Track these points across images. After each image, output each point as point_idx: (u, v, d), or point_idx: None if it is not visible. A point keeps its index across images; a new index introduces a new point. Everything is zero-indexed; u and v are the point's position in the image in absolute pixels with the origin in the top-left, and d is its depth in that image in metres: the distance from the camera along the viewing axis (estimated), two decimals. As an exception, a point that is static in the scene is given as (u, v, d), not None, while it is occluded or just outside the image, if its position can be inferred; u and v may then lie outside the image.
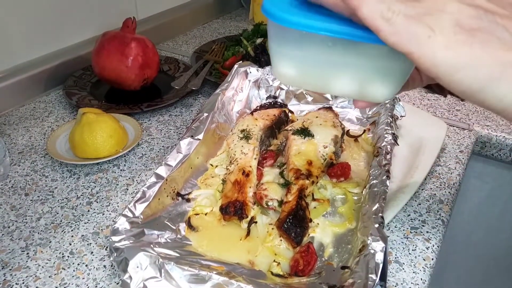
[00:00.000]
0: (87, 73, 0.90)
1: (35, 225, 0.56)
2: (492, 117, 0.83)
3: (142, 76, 0.82)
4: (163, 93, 0.86)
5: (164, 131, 0.76)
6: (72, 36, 0.92)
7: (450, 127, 0.79)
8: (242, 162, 0.59)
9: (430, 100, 0.88)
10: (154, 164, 0.68)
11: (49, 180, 0.64)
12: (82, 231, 0.55)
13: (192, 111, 0.83)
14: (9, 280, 0.49)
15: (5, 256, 0.52)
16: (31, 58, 0.86)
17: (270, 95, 0.79)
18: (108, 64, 0.79)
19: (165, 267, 0.43)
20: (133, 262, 0.43)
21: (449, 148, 0.73)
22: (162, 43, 1.12)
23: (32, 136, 0.74)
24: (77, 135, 0.65)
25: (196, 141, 0.60)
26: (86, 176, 0.65)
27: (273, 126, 0.69)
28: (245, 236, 0.53)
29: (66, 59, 0.89)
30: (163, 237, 0.50)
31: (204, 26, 1.25)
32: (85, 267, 0.50)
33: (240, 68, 0.77)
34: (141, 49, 0.80)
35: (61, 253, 0.52)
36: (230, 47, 0.99)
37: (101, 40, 0.81)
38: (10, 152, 0.70)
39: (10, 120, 0.78)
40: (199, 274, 0.42)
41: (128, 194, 0.62)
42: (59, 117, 0.80)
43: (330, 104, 0.76)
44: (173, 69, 0.94)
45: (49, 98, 0.86)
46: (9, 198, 0.60)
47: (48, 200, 0.60)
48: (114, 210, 0.59)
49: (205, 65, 0.93)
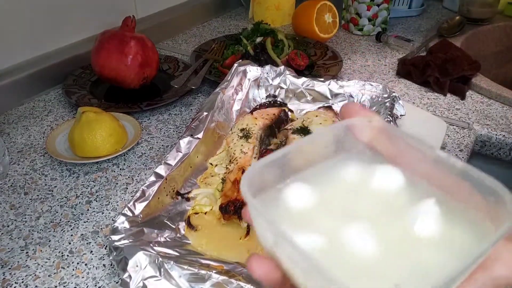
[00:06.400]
0: (86, 72, 0.90)
1: (35, 224, 0.56)
2: (492, 116, 0.83)
3: (141, 75, 0.82)
4: (162, 92, 0.86)
5: (163, 130, 0.76)
6: (72, 34, 0.92)
7: (450, 126, 0.79)
8: (242, 161, 0.59)
9: (430, 99, 0.88)
10: (154, 163, 0.68)
11: (49, 179, 0.64)
12: (82, 230, 0.55)
13: (191, 110, 0.82)
14: (9, 279, 0.49)
15: (4, 255, 0.52)
16: (30, 56, 0.85)
17: (269, 94, 0.78)
18: (107, 63, 0.79)
19: (164, 266, 0.43)
20: (132, 261, 0.43)
21: (449, 147, 0.73)
22: (162, 41, 1.12)
23: (31, 135, 0.74)
24: (77, 134, 0.65)
25: (195, 140, 0.60)
26: (86, 175, 0.65)
27: (272, 125, 0.69)
28: (244, 235, 0.52)
29: (65, 57, 0.89)
30: (162, 236, 0.50)
31: (204, 25, 1.25)
32: (85, 266, 0.50)
33: (239, 67, 0.77)
34: (141, 48, 0.80)
35: (61, 252, 0.52)
36: (229, 46, 0.99)
37: (101, 39, 0.80)
38: (9, 151, 0.70)
39: (9, 119, 0.78)
40: (199, 273, 0.42)
41: (128, 193, 0.62)
42: (59, 116, 0.80)
43: (330, 103, 0.76)
44: (173, 68, 0.94)
45: (49, 97, 0.85)
46: (8, 197, 0.60)
47: (48, 199, 0.60)
48: (114, 209, 0.59)
49: (204, 64, 0.93)
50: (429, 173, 0.26)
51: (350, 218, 0.25)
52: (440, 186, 0.26)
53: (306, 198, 0.26)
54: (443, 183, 0.26)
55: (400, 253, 0.23)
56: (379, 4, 1.14)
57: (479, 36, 1.24)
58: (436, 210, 0.24)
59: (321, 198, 0.27)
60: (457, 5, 1.32)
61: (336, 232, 0.24)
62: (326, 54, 0.99)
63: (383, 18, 1.17)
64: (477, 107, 0.86)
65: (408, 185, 0.27)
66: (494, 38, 1.28)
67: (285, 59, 0.93)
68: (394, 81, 0.95)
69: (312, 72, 0.92)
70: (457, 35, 1.18)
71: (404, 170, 0.27)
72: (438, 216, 0.24)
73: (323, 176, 0.28)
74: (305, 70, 0.92)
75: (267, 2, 1.22)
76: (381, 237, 0.24)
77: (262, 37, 0.97)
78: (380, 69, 1.00)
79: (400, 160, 0.28)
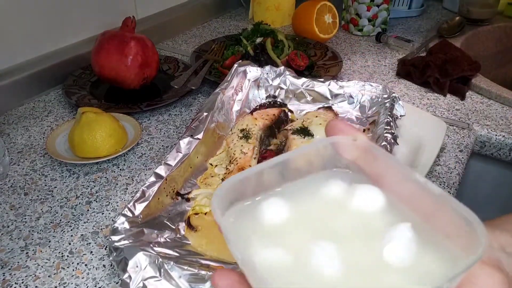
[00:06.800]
0: (86, 72, 0.90)
1: (35, 225, 0.56)
2: (492, 116, 0.83)
3: (141, 75, 0.82)
4: (162, 92, 0.86)
5: (163, 131, 0.76)
6: (72, 35, 0.92)
7: (449, 127, 0.79)
8: (242, 162, 0.59)
9: (429, 100, 0.88)
10: (154, 163, 0.68)
11: (49, 179, 0.64)
12: (82, 230, 0.55)
13: (191, 110, 0.82)
14: (9, 280, 0.49)
15: (4, 255, 0.52)
16: (30, 57, 0.85)
17: (269, 95, 0.78)
18: (107, 63, 0.79)
19: (164, 266, 0.43)
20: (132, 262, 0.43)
21: (449, 147, 0.73)
22: (162, 42, 1.12)
23: (31, 136, 0.74)
24: (77, 134, 0.65)
25: (195, 141, 0.60)
26: (86, 175, 0.65)
27: (272, 126, 0.69)
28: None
29: (65, 58, 0.89)
30: (162, 237, 0.50)
31: (204, 26, 1.25)
32: (85, 267, 0.50)
33: (239, 68, 0.77)
34: (141, 48, 0.80)
35: (61, 253, 0.52)
36: (229, 47, 0.99)
37: (101, 39, 0.81)
38: (10, 151, 0.70)
39: (10, 120, 0.78)
40: (199, 274, 0.42)
41: (128, 193, 0.62)
42: (59, 116, 0.80)
43: (330, 103, 0.76)
44: (173, 68, 0.94)
45: (49, 97, 0.85)
46: (8, 198, 0.60)
47: (48, 200, 0.60)
48: (114, 209, 0.59)
49: (204, 64, 0.93)
50: (410, 196, 0.26)
51: (321, 236, 0.25)
52: (419, 211, 0.25)
53: (281, 214, 0.26)
54: (423, 208, 0.25)
55: (364, 276, 0.23)
56: (379, 4, 1.14)
57: (479, 37, 1.24)
58: (410, 235, 0.23)
59: (296, 214, 0.26)
60: (457, 5, 1.32)
61: (304, 249, 0.24)
62: (326, 55, 0.99)
63: (383, 18, 1.17)
64: (477, 107, 0.86)
65: (387, 208, 0.26)
66: (494, 38, 1.28)
67: (285, 59, 0.93)
68: (394, 81, 0.95)
69: (312, 73, 0.92)
70: (457, 35, 1.18)
71: (386, 191, 0.27)
72: (411, 241, 0.23)
73: (301, 192, 0.28)
74: (305, 70, 0.92)
75: (267, 3, 1.22)
76: (348, 258, 0.23)
77: (262, 37, 0.97)
78: (380, 70, 1.00)
79: (382, 181, 0.27)
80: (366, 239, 0.25)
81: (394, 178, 0.27)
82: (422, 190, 0.25)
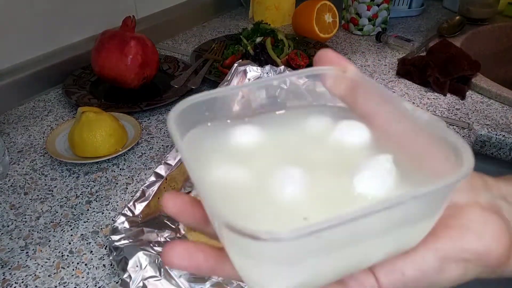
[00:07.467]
0: (86, 72, 0.90)
1: (35, 224, 0.56)
2: (492, 116, 0.83)
3: (141, 75, 0.82)
4: (162, 92, 0.86)
5: (163, 130, 0.76)
6: (71, 34, 0.92)
7: (449, 126, 0.79)
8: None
9: (429, 99, 0.88)
10: (154, 163, 0.68)
11: (49, 179, 0.64)
12: (82, 230, 0.55)
13: (191, 110, 0.82)
14: (9, 279, 0.49)
15: (4, 255, 0.52)
16: (30, 56, 0.85)
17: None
18: (107, 63, 0.79)
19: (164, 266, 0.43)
20: (132, 261, 0.43)
21: (449, 147, 0.73)
22: (162, 41, 1.12)
23: (31, 135, 0.74)
24: (77, 134, 0.65)
25: (195, 140, 0.60)
26: (86, 175, 0.65)
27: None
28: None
29: (65, 58, 0.89)
30: (162, 236, 0.50)
31: (204, 25, 1.25)
32: (85, 266, 0.50)
33: (239, 67, 0.77)
34: (141, 48, 0.80)
35: (61, 252, 0.52)
36: (229, 46, 0.99)
37: (101, 39, 0.80)
38: (9, 151, 0.70)
39: (9, 119, 0.78)
40: (199, 273, 0.42)
41: (128, 193, 0.62)
42: (59, 116, 0.80)
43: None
44: (173, 68, 0.94)
45: (49, 97, 0.85)
46: (8, 197, 0.60)
47: (48, 199, 0.60)
48: (114, 209, 0.59)
49: (204, 64, 0.93)
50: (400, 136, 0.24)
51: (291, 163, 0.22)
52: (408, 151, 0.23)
53: (250, 137, 0.24)
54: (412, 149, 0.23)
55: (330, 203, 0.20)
56: (379, 4, 1.14)
57: (479, 36, 1.24)
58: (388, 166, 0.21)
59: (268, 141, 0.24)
60: (457, 5, 1.32)
61: (268, 172, 0.22)
62: (326, 54, 0.99)
63: (383, 18, 1.17)
64: (477, 107, 0.86)
65: (371, 144, 0.24)
66: (494, 38, 1.28)
67: (285, 59, 0.93)
68: (394, 81, 0.95)
69: (312, 72, 0.92)
70: (457, 35, 1.18)
71: (372, 128, 0.24)
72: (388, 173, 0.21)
73: (278, 123, 0.25)
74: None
75: (267, 2, 1.22)
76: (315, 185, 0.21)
77: (262, 37, 0.97)
78: (380, 69, 1.00)
79: (373, 119, 0.25)
80: (340, 169, 0.22)
81: (386, 116, 0.24)
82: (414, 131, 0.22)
